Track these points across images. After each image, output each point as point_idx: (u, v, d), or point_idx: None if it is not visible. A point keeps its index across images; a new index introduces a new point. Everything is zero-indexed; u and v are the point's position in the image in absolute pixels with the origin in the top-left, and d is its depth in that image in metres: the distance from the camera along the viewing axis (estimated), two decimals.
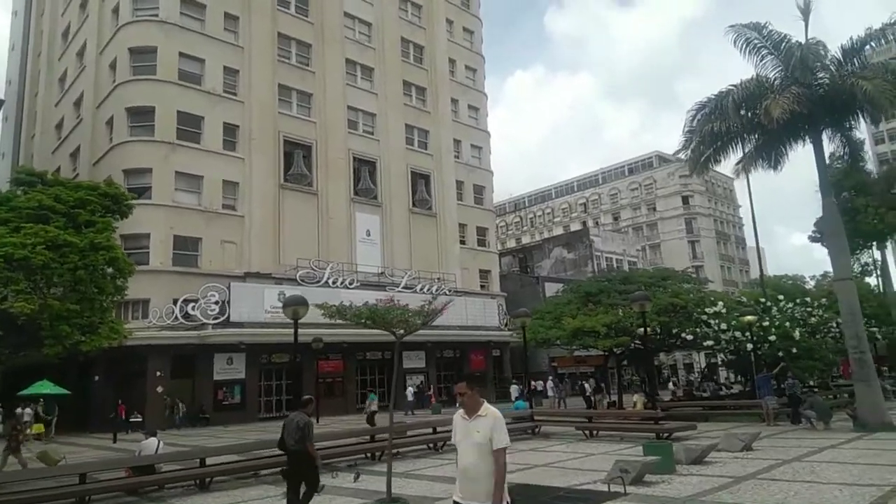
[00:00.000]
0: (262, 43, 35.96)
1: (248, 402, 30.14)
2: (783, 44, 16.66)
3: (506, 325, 40.89)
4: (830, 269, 19.48)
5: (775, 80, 16.44)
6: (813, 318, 27.18)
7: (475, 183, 46.46)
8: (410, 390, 32.32)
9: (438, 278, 38.87)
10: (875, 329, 30.14)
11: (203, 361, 28.96)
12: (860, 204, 26.29)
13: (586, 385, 28.00)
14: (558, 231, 77.51)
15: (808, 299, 26.86)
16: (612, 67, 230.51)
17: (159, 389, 26.36)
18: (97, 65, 35.48)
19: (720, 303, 22.44)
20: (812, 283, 46.03)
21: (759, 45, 16.93)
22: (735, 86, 17.46)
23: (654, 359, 49.09)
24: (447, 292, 35.01)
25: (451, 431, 4.50)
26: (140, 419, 25.49)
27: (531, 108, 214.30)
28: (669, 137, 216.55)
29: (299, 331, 14.75)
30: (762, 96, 15.99)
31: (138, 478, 11.38)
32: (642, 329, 22.78)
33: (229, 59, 34.67)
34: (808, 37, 16.79)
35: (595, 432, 17.01)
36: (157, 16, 32.65)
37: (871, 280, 41.89)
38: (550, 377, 29.61)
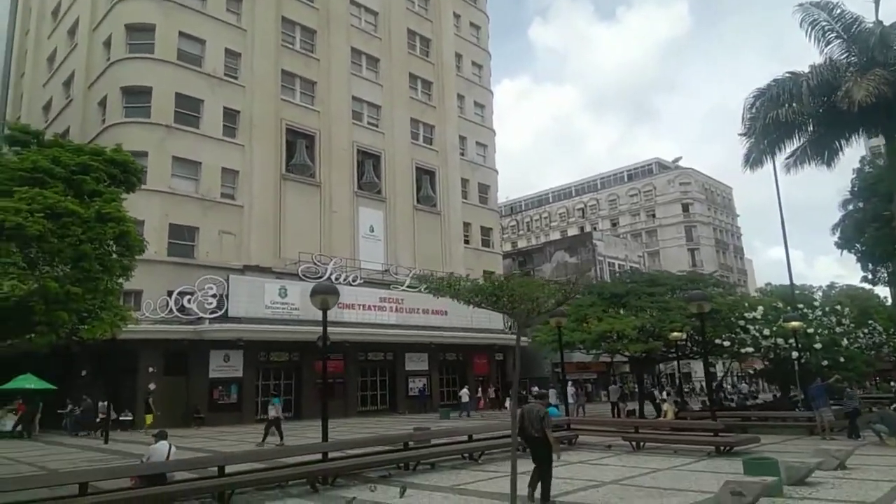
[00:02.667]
0: (266, 26, 34.27)
1: (245, 402, 28.22)
2: (854, 26, 15.42)
3: (510, 327, 39.46)
4: (837, 281, 18.10)
5: (849, 65, 15.16)
6: (839, 328, 26.02)
7: (480, 181, 45.03)
8: (465, 392, 31.09)
9: (442, 278, 37.26)
10: None
11: (198, 358, 27.04)
12: None
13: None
14: (555, 235, 76.29)
15: (838, 307, 25.64)
16: (592, 81, 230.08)
17: (152, 387, 24.41)
18: (90, 42, 33.56)
19: (759, 307, 21.12)
20: (819, 293, 44.97)
21: (826, 28, 15.68)
22: (792, 73, 16.24)
23: (654, 368, 47.90)
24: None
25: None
26: (130, 417, 23.60)
27: (517, 116, 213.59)
28: (646, 152, 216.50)
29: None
30: (835, 82, 14.73)
31: (146, 489, 9.69)
32: (675, 333, 21.55)
33: (231, 41, 32.95)
34: (878, 19, 15.60)
35: (642, 444, 15.53)
36: None
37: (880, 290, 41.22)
38: (570, 382, 28.11)
